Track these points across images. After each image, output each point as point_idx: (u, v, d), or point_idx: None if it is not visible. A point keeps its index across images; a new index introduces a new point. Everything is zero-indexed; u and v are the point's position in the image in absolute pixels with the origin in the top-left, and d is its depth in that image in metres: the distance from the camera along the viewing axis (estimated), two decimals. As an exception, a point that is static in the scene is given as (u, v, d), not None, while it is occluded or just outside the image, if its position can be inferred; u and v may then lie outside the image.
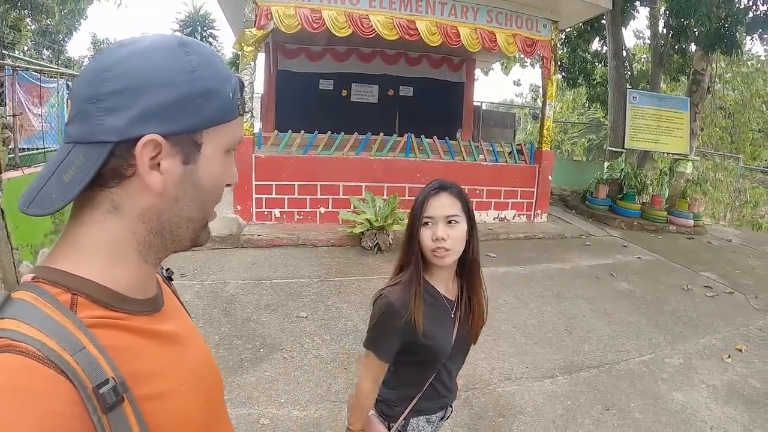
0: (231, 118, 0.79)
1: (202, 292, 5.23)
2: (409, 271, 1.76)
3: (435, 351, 1.78)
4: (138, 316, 0.77)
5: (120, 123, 0.69)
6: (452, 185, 1.77)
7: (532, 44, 8.78)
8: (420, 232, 1.73)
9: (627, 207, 10.79)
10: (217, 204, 0.86)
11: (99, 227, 0.74)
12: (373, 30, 7.63)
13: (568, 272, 6.92)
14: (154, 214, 0.76)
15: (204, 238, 0.86)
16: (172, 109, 0.71)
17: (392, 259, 6.66)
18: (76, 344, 0.64)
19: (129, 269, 0.77)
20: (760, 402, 4.18)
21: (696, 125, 11.58)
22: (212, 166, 0.79)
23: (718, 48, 10.48)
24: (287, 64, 12.12)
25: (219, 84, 0.76)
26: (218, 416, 0.93)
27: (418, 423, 1.89)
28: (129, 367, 0.69)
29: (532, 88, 22.22)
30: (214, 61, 0.78)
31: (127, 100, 0.69)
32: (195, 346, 0.90)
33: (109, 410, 0.64)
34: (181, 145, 0.74)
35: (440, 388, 1.87)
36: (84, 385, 0.62)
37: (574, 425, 3.67)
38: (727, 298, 6.56)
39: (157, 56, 0.72)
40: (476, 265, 1.84)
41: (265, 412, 3.48)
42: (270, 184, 7.82)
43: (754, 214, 15.76)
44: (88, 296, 0.70)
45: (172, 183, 0.75)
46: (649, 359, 4.74)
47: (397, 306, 1.71)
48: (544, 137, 9.45)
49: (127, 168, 0.72)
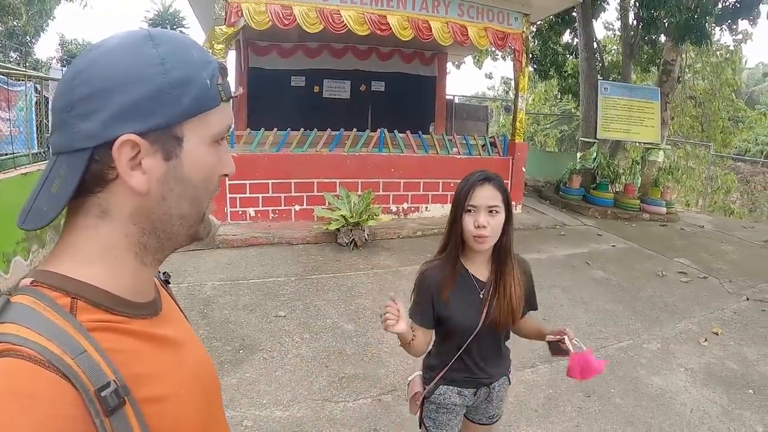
0: (212, 106, 0.76)
1: (178, 295, 5.12)
2: (448, 251, 1.99)
3: (456, 325, 1.98)
4: (137, 319, 0.77)
5: (94, 127, 0.68)
6: (496, 177, 1.96)
7: (504, 37, 8.82)
8: (463, 218, 1.91)
9: (600, 196, 10.95)
10: (213, 195, 0.84)
11: (91, 233, 0.74)
12: (345, 25, 7.59)
13: (544, 262, 6.98)
14: (144, 215, 0.75)
15: (203, 231, 0.84)
16: (145, 105, 0.69)
17: (368, 255, 6.76)
18: (76, 348, 0.64)
19: (126, 272, 0.76)
20: (737, 383, 4.27)
21: (667, 114, 11.78)
22: (198, 159, 0.77)
23: (687, 39, 10.63)
24: (258, 61, 12.00)
25: (193, 72, 0.73)
26: (216, 418, 0.93)
27: (447, 390, 2.08)
28: (130, 370, 0.69)
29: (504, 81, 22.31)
30: (186, 49, 0.75)
31: (98, 104, 0.68)
32: (193, 349, 0.90)
33: (111, 413, 0.64)
34: (161, 142, 0.72)
35: (470, 363, 2.05)
36: (86, 388, 0.62)
37: (557, 413, 3.71)
38: (702, 283, 6.69)
39: (124, 54, 0.70)
40: (509, 253, 2.00)
41: (248, 413, 3.45)
42: (244, 183, 7.74)
43: (725, 200, 16.10)
44: (87, 300, 0.70)
45: (157, 181, 0.73)
46: (628, 345, 4.82)
47: (429, 280, 1.99)
48: (516, 129, 9.51)
49: (110, 171, 0.70)
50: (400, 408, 3.63)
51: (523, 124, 9.67)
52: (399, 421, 3.50)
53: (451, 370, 2.05)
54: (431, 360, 2.14)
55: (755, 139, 27.88)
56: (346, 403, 3.66)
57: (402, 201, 8.83)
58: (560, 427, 3.57)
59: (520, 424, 3.54)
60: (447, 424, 2.13)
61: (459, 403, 2.11)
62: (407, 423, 3.48)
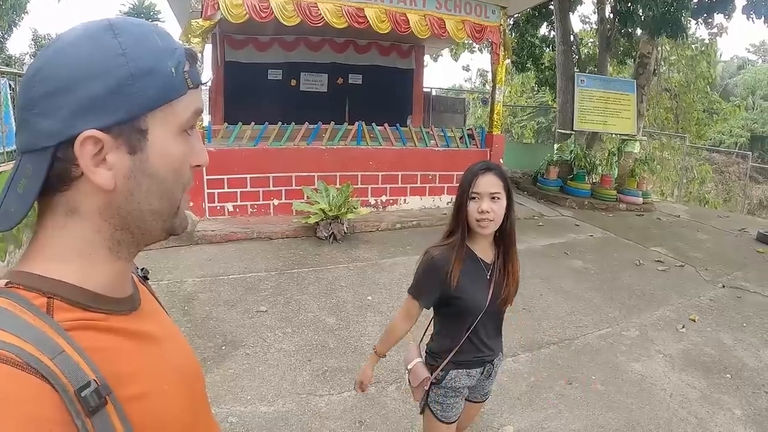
0: (177, 95, 0.73)
1: (159, 292, 5.00)
2: (454, 237, 2.10)
3: (468, 305, 2.09)
4: (116, 315, 0.75)
5: (55, 125, 0.66)
6: (497, 166, 2.09)
7: (481, 30, 8.83)
8: (468, 205, 2.04)
9: (577, 187, 11.06)
10: (187, 188, 0.81)
11: (63, 231, 0.72)
12: (322, 18, 7.54)
13: (523, 253, 6.95)
14: (113, 211, 0.73)
15: (179, 225, 0.82)
16: (106, 99, 0.67)
17: (348, 248, 6.75)
18: (54, 348, 0.62)
19: (102, 268, 0.74)
20: (714, 368, 4.36)
21: (642, 106, 11.92)
22: (165, 151, 0.74)
23: (663, 32, 10.77)
24: (235, 55, 11.88)
25: (157, 61, 0.71)
26: (202, 413, 0.91)
27: (457, 374, 2.19)
28: (110, 369, 0.67)
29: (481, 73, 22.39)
30: (149, 37, 0.72)
31: (58, 101, 0.66)
32: (175, 344, 0.88)
33: (93, 413, 0.62)
34: (125, 135, 0.69)
35: (478, 343, 2.18)
36: (65, 389, 0.60)
37: (539, 400, 3.76)
38: (679, 271, 6.79)
39: (83, 46, 0.68)
40: (512, 235, 2.15)
41: (233, 410, 3.44)
42: (221, 178, 7.67)
43: (700, 190, 16.35)
44: (63, 299, 0.68)
45: (123, 177, 0.71)
46: (607, 333, 4.88)
47: (438, 262, 2.08)
48: (494, 121, 9.55)
49: (74, 169, 0.68)
50: (385, 399, 3.65)
51: (500, 116, 9.73)
52: (384, 413, 3.51)
53: (460, 352, 2.16)
54: (436, 346, 2.24)
55: (730, 131, 28.37)
56: (331, 396, 3.66)
57: (380, 194, 8.84)
58: (543, 414, 3.61)
59: (504, 412, 3.57)
60: (454, 407, 2.24)
61: (468, 384, 2.24)
62: (391, 414, 3.50)
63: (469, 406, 2.37)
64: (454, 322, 2.17)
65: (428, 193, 9.23)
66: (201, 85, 0.79)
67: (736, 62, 37.94)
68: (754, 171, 17.98)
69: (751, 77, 33.47)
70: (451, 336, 2.17)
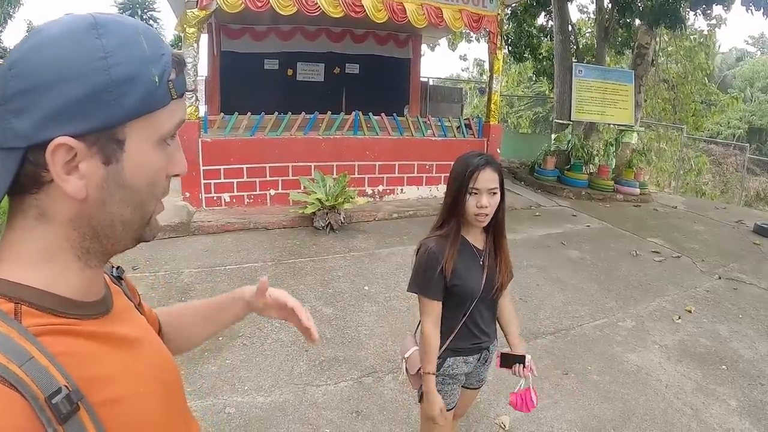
0: (159, 106, 0.69)
1: (156, 283, 5.08)
2: (449, 227, 2.15)
3: (464, 290, 2.14)
4: (87, 320, 0.72)
5: (26, 127, 0.63)
6: (493, 160, 2.14)
7: (479, 20, 8.78)
8: (466, 199, 2.07)
9: (575, 177, 11.07)
10: (162, 197, 0.78)
11: (31, 234, 0.69)
12: (318, 8, 7.48)
13: (520, 242, 7.03)
14: (84, 220, 0.70)
15: (149, 234, 0.79)
16: (83, 105, 0.63)
17: (345, 238, 6.75)
18: (23, 354, 0.60)
19: (71, 275, 0.72)
20: (710, 359, 4.38)
21: (640, 97, 11.92)
22: (142, 163, 0.70)
23: (662, 23, 10.72)
24: (231, 44, 11.81)
25: (141, 68, 0.67)
26: (179, 414, 0.89)
27: (454, 362, 2.25)
28: (82, 373, 0.65)
29: (478, 63, 22.28)
30: (135, 40, 0.68)
31: (31, 101, 0.62)
32: (150, 345, 0.85)
33: (65, 420, 0.60)
34: (100, 144, 0.66)
35: (474, 328, 2.23)
36: (35, 396, 0.58)
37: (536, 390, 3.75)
38: (675, 262, 6.81)
39: (63, 46, 0.64)
40: (503, 224, 2.24)
41: (230, 400, 3.44)
42: (218, 169, 7.64)
43: (697, 181, 16.35)
44: (32, 304, 0.66)
45: (95, 186, 0.68)
46: (603, 323, 4.90)
47: (436, 254, 2.11)
48: (491, 111, 9.51)
49: (45, 173, 0.65)
50: (381, 389, 3.66)
51: (497, 106, 9.69)
52: (380, 403, 3.52)
53: (457, 339, 2.21)
54: None
55: (727, 122, 28.45)
56: (327, 387, 3.67)
57: (377, 183, 8.82)
58: (539, 404, 3.59)
59: (500, 402, 3.57)
60: (452, 394, 2.29)
61: (465, 371, 2.30)
62: (388, 404, 3.51)
63: (465, 393, 2.40)
64: (450, 309, 2.19)
65: (425, 183, 9.21)
66: (186, 94, 0.76)
67: (735, 54, 37.97)
68: (752, 163, 17.96)
69: (749, 69, 33.55)
70: (447, 323, 2.20)
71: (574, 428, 3.42)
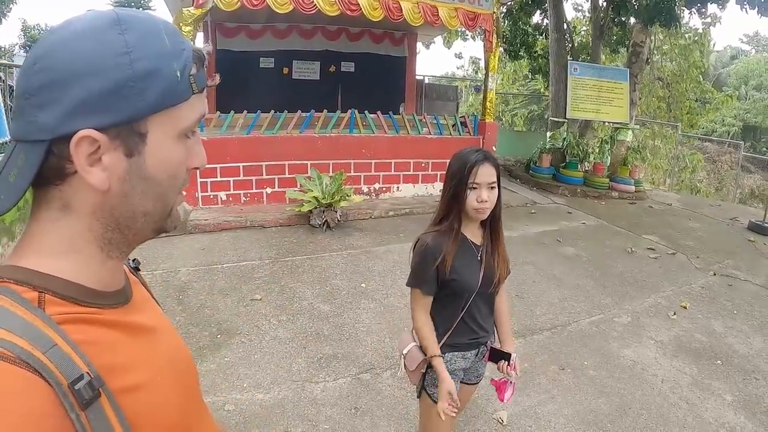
0: (181, 100, 0.71)
1: (153, 282, 5.08)
2: (448, 222, 2.16)
3: (462, 285, 2.15)
4: (108, 309, 0.74)
5: (51, 120, 0.64)
6: (491, 155, 2.17)
7: (474, 18, 8.78)
8: (466, 194, 2.09)
9: (570, 175, 11.11)
10: (182, 188, 0.79)
11: (55, 225, 0.70)
12: (314, 6, 7.48)
13: (516, 240, 7.05)
14: (107, 211, 0.71)
15: (170, 224, 0.80)
16: (107, 98, 0.64)
17: (342, 235, 6.77)
18: (47, 342, 0.61)
19: (93, 265, 0.73)
20: (705, 354, 4.42)
21: (635, 95, 11.96)
22: (163, 155, 0.72)
23: (657, 21, 10.77)
24: (227, 43, 11.78)
25: (163, 63, 0.68)
26: (195, 403, 0.91)
27: (453, 357, 2.25)
28: (103, 361, 0.66)
29: (473, 61, 22.30)
30: (157, 36, 0.69)
31: (56, 94, 0.64)
32: (167, 335, 0.88)
33: (87, 406, 0.61)
34: (123, 137, 0.68)
35: (471, 323, 2.24)
36: (59, 382, 0.59)
37: (532, 385, 3.80)
38: (670, 258, 6.84)
39: (86, 41, 0.65)
40: (499, 219, 2.26)
41: (229, 398, 3.45)
42: (214, 167, 7.62)
43: (692, 178, 16.43)
44: (55, 293, 0.67)
45: (118, 178, 0.69)
46: (599, 319, 4.93)
47: (433, 248, 2.13)
48: (487, 109, 9.52)
49: (69, 165, 0.66)
50: (380, 386, 3.68)
51: (493, 103, 9.69)
52: (379, 399, 3.54)
53: (455, 335, 2.22)
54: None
55: (722, 120, 28.55)
56: (326, 383, 3.68)
57: (373, 181, 8.83)
58: (536, 399, 3.65)
59: (497, 398, 3.59)
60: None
61: (463, 366, 2.31)
62: (387, 400, 3.53)
63: (463, 388, 2.41)
64: (448, 304, 2.21)
65: (421, 181, 9.22)
66: (207, 89, 0.77)
67: (730, 52, 38.05)
68: (746, 161, 18.05)
69: (743, 67, 33.63)
70: (445, 319, 2.22)
71: (571, 423, 3.45)
